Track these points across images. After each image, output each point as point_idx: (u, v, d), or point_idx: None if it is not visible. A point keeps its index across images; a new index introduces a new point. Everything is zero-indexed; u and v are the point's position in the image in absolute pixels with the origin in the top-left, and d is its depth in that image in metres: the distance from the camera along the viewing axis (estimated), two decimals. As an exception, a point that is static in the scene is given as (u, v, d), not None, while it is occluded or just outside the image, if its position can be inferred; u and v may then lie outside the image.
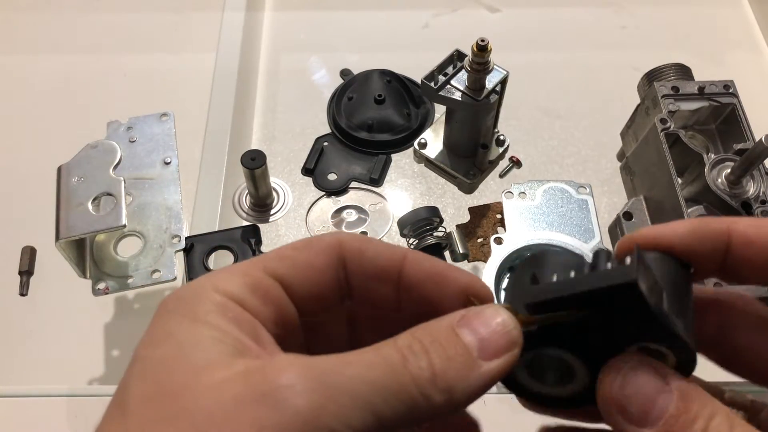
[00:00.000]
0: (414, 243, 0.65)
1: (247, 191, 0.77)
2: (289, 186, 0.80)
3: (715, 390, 0.28)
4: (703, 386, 0.26)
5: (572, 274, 0.25)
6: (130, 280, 0.60)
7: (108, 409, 0.23)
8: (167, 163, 0.65)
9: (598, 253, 0.25)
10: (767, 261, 0.24)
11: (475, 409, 0.45)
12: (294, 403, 0.20)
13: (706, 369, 0.27)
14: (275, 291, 0.25)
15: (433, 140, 0.72)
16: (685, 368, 0.24)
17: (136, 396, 0.22)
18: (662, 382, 0.23)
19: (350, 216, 0.78)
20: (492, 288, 0.64)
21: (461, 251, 0.66)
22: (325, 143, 0.83)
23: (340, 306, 0.27)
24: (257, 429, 0.20)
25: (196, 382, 0.21)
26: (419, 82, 0.64)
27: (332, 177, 0.80)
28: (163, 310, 0.24)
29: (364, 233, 0.74)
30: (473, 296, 0.26)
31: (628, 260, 0.23)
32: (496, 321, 0.24)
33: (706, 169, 0.63)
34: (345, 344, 0.29)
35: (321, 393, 0.20)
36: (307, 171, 0.81)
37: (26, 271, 0.70)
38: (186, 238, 0.63)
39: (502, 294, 0.65)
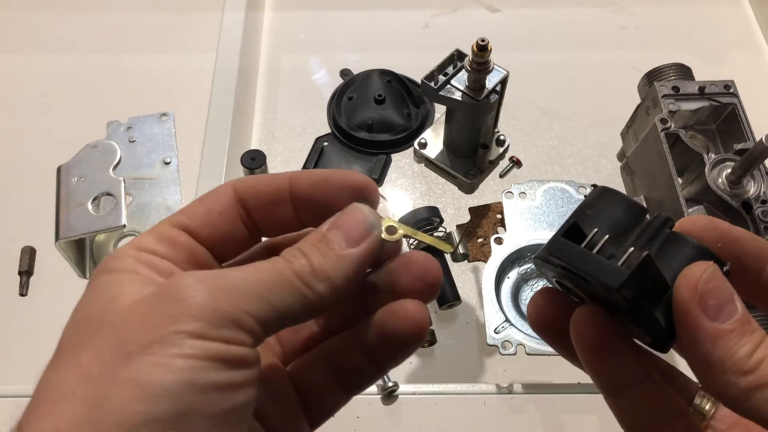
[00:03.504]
0: (414, 243, 0.65)
1: (247, 191, 0.77)
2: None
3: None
4: (679, 375, 0.31)
5: (605, 238, 0.28)
6: (130, 280, 0.60)
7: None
8: (167, 163, 0.65)
9: (657, 217, 0.29)
10: None
11: (475, 409, 0.45)
12: (194, 297, 0.25)
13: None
14: (181, 237, 0.29)
15: (433, 140, 0.72)
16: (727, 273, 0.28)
17: (67, 332, 0.26)
18: (732, 295, 0.26)
19: (350, 216, 0.78)
20: (492, 287, 0.64)
21: (461, 251, 0.66)
22: (325, 143, 0.83)
23: (251, 240, 0.31)
24: (166, 320, 0.24)
25: (113, 305, 0.26)
26: (419, 82, 0.64)
27: (332, 177, 0.80)
28: (93, 274, 0.28)
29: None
30: (362, 193, 0.30)
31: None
32: (356, 214, 0.29)
33: (706, 169, 0.63)
34: None
35: (215, 288, 0.25)
36: (307, 171, 0.81)
37: (26, 271, 0.70)
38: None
39: (502, 294, 0.65)
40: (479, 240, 0.72)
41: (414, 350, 0.32)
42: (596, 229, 0.29)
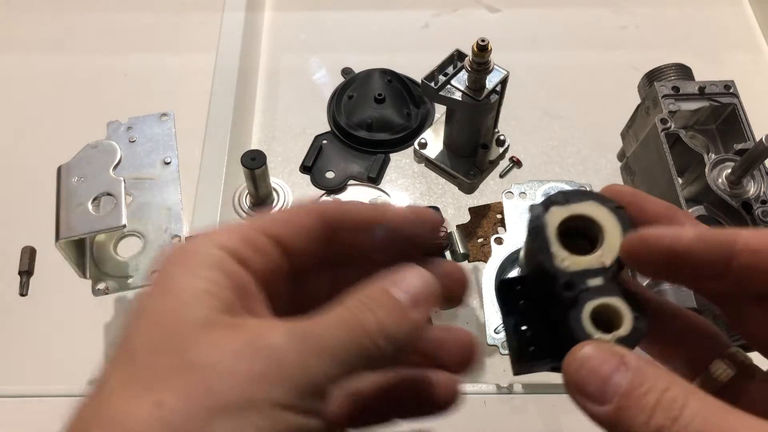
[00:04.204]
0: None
1: (247, 191, 0.77)
2: (289, 186, 0.79)
3: (720, 340, 0.30)
4: (708, 332, 0.29)
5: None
6: (130, 280, 0.60)
7: (112, 357, 0.26)
8: (167, 163, 0.65)
9: (562, 279, 0.27)
10: None
11: (475, 409, 0.45)
12: (285, 357, 0.24)
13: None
14: (268, 246, 0.29)
15: (434, 140, 0.72)
16: (639, 327, 0.26)
17: (143, 346, 0.25)
18: (618, 362, 0.24)
19: (351, 215, 0.78)
20: (492, 287, 0.64)
21: (462, 251, 0.66)
22: (324, 141, 0.83)
23: (323, 258, 0.32)
24: (255, 378, 0.24)
25: (198, 338, 0.24)
26: (419, 81, 0.64)
27: (330, 175, 0.80)
28: (168, 263, 0.27)
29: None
30: (440, 228, 0.34)
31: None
32: (421, 278, 0.29)
33: (706, 170, 0.63)
34: (325, 293, 0.33)
35: (304, 350, 0.25)
36: (305, 168, 0.81)
37: (26, 271, 0.70)
38: (186, 238, 0.63)
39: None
40: (479, 240, 0.72)
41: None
42: (519, 286, 0.30)
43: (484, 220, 0.73)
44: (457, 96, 0.62)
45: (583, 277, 0.27)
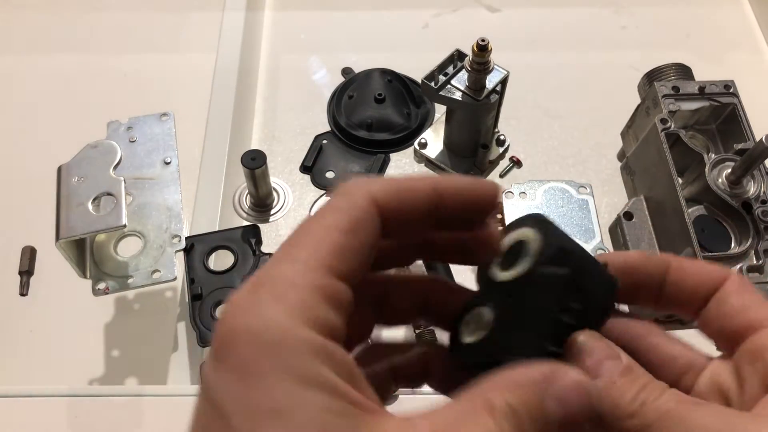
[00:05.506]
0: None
1: (247, 191, 0.77)
2: (289, 186, 0.80)
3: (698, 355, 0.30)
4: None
5: None
6: (130, 280, 0.60)
7: None
8: (167, 163, 0.65)
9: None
10: (695, 288, 0.28)
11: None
12: None
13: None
14: (345, 296, 0.24)
15: (434, 140, 0.72)
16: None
17: None
18: (613, 352, 0.26)
19: (352, 214, 0.78)
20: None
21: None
22: (324, 141, 0.83)
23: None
24: None
25: None
26: (420, 81, 0.64)
27: (330, 175, 0.80)
28: (250, 355, 0.21)
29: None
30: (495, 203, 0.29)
31: None
32: (580, 397, 0.24)
33: (706, 169, 0.63)
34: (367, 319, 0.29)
35: None
36: (305, 168, 0.81)
37: (26, 271, 0.70)
38: (186, 238, 0.63)
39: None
40: (479, 240, 0.72)
41: None
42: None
43: (484, 220, 0.73)
44: (457, 96, 0.63)
45: None
